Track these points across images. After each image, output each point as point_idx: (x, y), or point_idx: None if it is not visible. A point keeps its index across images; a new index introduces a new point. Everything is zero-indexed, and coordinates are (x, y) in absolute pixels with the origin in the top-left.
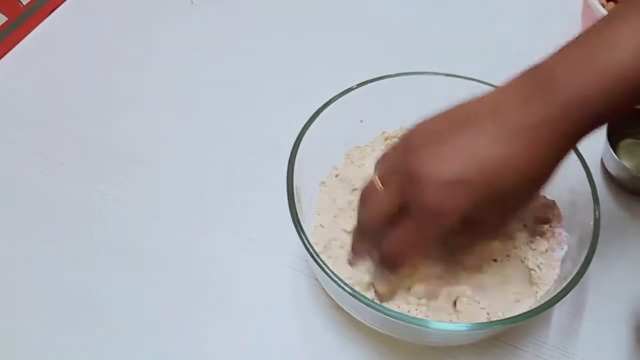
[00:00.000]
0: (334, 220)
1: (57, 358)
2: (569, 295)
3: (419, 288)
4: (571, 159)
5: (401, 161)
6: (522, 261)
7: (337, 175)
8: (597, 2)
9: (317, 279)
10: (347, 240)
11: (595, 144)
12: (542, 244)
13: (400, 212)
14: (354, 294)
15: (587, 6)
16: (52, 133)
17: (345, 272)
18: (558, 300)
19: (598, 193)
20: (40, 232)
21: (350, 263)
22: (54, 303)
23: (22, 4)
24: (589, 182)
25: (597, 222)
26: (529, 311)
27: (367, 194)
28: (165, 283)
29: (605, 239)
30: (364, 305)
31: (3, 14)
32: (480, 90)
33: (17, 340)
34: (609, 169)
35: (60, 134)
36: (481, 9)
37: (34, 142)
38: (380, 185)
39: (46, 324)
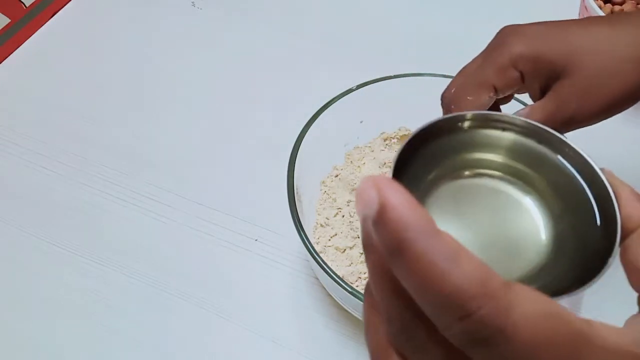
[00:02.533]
0: (334, 220)
1: (57, 358)
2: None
3: None
4: None
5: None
6: None
7: (337, 175)
8: (595, 5)
9: (317, 279)
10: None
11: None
12: None
13: None
14: (354, 293)
15: (584, 9)
16: (52, 133)
17: (345, 271)
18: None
19: None
20: (40, 232)
21: None
22: (54, 303)
23: (25, 5)
24: None
25: None
26: None
27: None
28: (165, 282)
29: None
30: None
31: (6, 15)
32: None
33: (17, 340)
34: None
35: (60, 134)
36: (478, 10)
37: (34, 142)
38: None
39: (46, 324)
